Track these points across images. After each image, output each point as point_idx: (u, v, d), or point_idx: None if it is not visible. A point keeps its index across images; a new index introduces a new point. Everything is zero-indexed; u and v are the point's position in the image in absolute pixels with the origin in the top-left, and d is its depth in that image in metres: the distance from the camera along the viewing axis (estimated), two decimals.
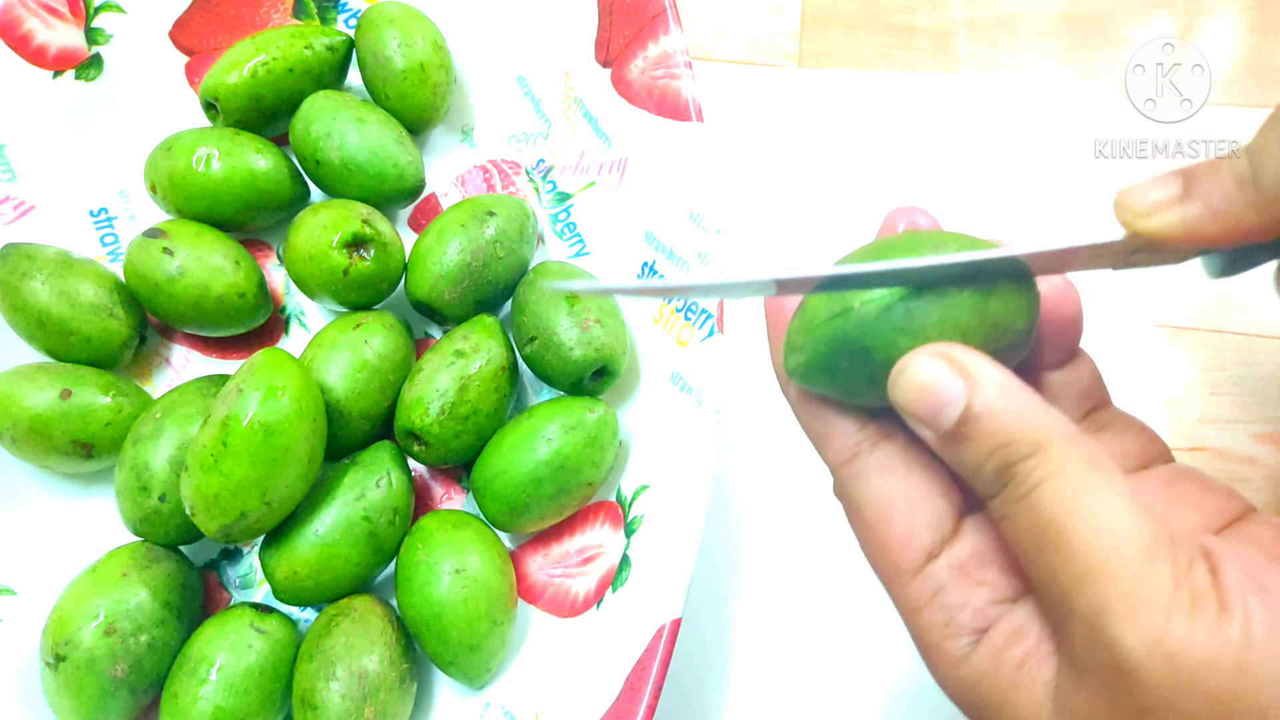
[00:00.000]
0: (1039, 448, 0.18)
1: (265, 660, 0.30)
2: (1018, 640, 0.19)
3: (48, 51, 0.38)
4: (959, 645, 0.20)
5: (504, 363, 0.34)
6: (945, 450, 0.19)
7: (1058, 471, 0.18)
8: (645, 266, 0.35)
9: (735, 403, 0.39)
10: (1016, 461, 0.18)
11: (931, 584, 0.20)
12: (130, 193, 0.39)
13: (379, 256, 0.35)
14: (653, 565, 0.29)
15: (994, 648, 0.19)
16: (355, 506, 0.31)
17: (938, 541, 0.20)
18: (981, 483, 0.19)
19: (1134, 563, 0.17)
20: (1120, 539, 0.17)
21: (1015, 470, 0.18)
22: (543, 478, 0.32)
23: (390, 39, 0.38)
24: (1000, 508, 0.19)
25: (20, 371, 0.33)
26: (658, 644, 0.27)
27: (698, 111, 0.33)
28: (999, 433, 0.18)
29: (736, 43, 0.46)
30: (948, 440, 0.19)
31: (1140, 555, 0.17)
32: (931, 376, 0.19)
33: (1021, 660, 0.19)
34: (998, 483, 0.18)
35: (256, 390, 0.29)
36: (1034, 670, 0.19)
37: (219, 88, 0.37)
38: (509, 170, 0.40)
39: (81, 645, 0.29)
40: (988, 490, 0.19)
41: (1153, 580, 0.16)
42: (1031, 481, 0.18)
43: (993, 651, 0.19)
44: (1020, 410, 0.18)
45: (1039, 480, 0.18)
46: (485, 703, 0.31)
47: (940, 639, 0.20)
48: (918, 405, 0.19)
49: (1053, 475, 0.18)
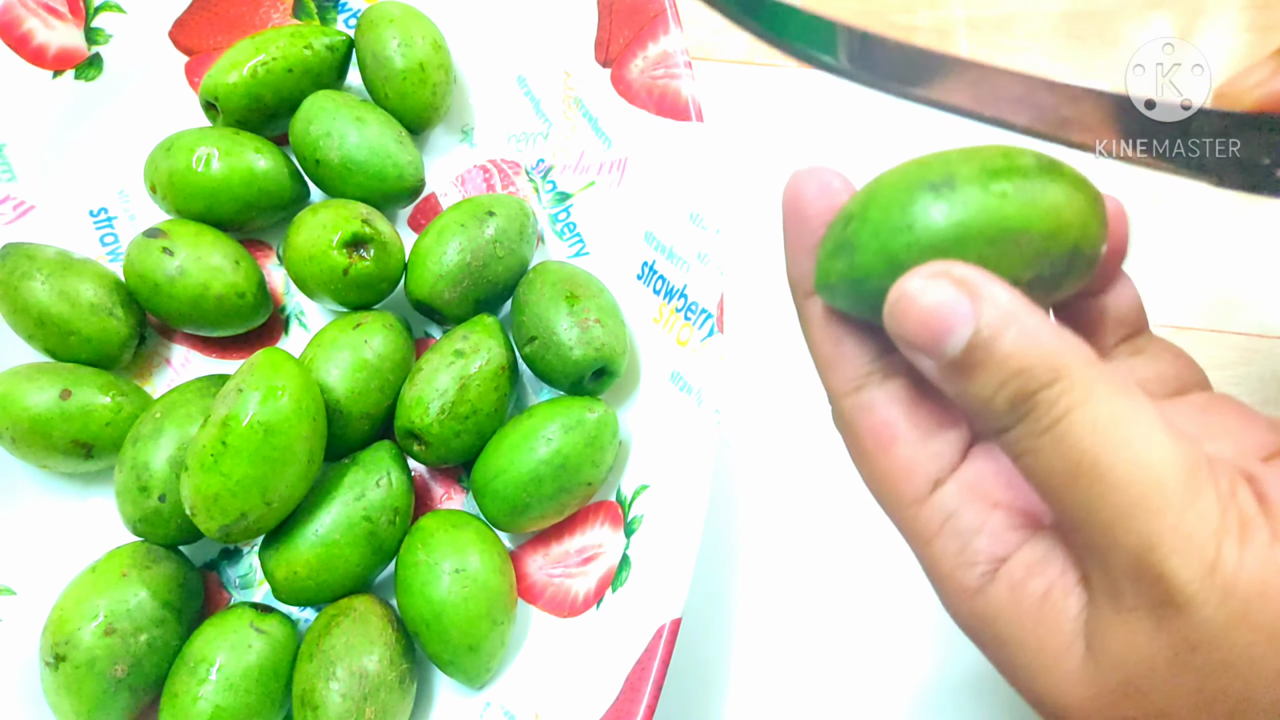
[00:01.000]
0: (1060, 374, 0.16)
1: (265, 660, 0.30)
2: (1039, 572, 0.18)
3: (47, 51, 0.38)
4: (974, 574, 0.19)
5: (504, 362, 0.34)
6: (950, 381, 0.18)
7: (1085, 399, 0.16)
8: (645, 266, 0.35)
9: (735, 403, 0.39)
10: (1036, 390, 0.16)
11: (941, 511, 0.19)
12: (130, 192, 0.39)
13: (379, 256, 0.35)
14: (652, 565, 0.29)
15: (1013, 580, 0.18)
16: (355, 506, 0.31)
17: (944, 469, 0.19)
18: (993, 415, 0.17)
19: (1178, 493, 0.16)
20: (1161, 469, 0.16)
21: (1036, 400, 0.16)
22: (543, 477, 0.32)
23: (390, 39, 0.38)
24: (1020, 442, 0.17)
25: (20, 371, 0.33)
26: (658, 644, 0.27)
27: (698, 111, 0.33)
28: (1014, 359, 0.17)
29: (736, 42, 0.46)
30: (953, 370, 0.17)
31: (1183, 484, 0.16)
32: (934, 298, 0.17)
33: (1044, 593, 0.18)
34: (1013, 415, 0.17)
35: (256, 390, 0.29)
36: (1059, 604, 0.18)
37: (219, 87, 0.37)
38: (509, 170, 0.40)
39: (81, 645, 0.29)
40: (1001, 423, 0.17)
41: (1199, 509, 0.16)
42: (1057, 411, 0.16)
43: (1012, 584, 0.18)
44: (1036, 334, 0.17)
45: (1065, 409, 0.16)
46: (485, 703, 0.31)
47: (953, 568, 0.19)
48: (918, 331, 0.17)
49: (1080, 404, 0.16)
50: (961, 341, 0.17)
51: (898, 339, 0.18)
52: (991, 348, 0.17)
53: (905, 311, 0.17)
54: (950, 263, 0.17)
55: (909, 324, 0.17)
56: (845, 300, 0.20)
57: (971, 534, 0.19)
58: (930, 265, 0.17)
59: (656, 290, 0.34)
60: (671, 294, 0.33)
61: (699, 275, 0.32)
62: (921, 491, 0.19)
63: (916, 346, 0.18)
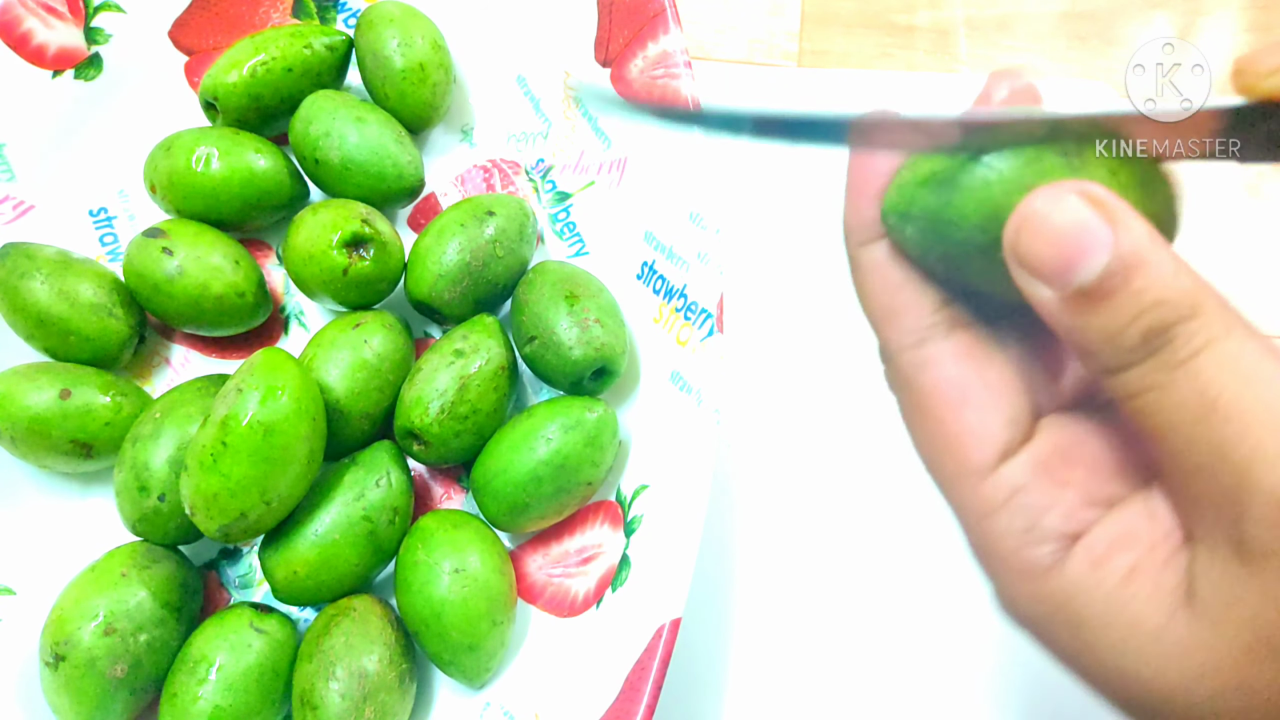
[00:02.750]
0: (1198, 309, 0.16)
1: (265, 660, 0.30)
2: (1126, 546, 0.17)
3: (47, 51, 0.38)
4: (1043, 553, 0.17)
5: (503, 362, 0.34)
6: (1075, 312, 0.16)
7: (1225, 335, 0.16)
8: (645, 266, 0.35)
9: (735, 403, 0.39)
10: (1175, 323, 0.16)
11: (1008, 485, 0.18)
12: (130, 192, 0.39)
13: (378, 256, 0.35)
14: (652, 565, 0.29)
15: (1094, 555, 0.17)
16: (355, 506, 0.31)
17: (1015, 438, 0.18)
18: (1119, 351, 0.16)
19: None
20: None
21: (1175, 333, 0.16)
22: (542, 477, 0.32)
23: (390, 38, 0.38)
24: (1145, 377, 0.16)
25: (20, 371, 0.33)
26: (657, 644, 0.27)
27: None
28: (1153, 289, 0.16)
29: (736, 42, 0.46)
30: (1082, 299, 0.16)
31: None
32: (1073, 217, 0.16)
33: (1132, 569, 0.17)
34: (1144, 348, 0.16)
35: (256, 390, 0.29)
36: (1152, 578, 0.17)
37: (218, 87, 0.37)
38: (508, 170, 0.40)
39: (81, 645, 0.29)
40: (1127, 359, 0.16)
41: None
42: (1196, 344, 0.16)
43: (1092, 559, 0.17)
44: (1175, 266, 0.16)
45: (1204, 344, 0.15)
46: (485, 702, 0.31)
47: (1019, 546, 0.17)
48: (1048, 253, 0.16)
49: (1219, 339, 0.16)
50: (1098, 267, 0.16)
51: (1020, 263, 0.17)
52: (1130, 275, 0.16)
53: (1035, 231, 0.16)
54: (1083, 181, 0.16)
55: (1038, 245, 0.16)
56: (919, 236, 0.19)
57: (1042, 510, 0.17)
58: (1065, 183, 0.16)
59: (656, 290, 0.34)
60: (671, 294, 0.33)
61: (699, 275, 0.32)
62: (989, 461, 0.18)
63: (1042, 271, 0.16)
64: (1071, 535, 0.17)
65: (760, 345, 0.40)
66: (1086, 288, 0.16)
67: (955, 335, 0.19)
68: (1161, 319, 0.16)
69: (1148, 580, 0.17)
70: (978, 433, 0.18)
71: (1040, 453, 0.18)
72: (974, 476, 0.18)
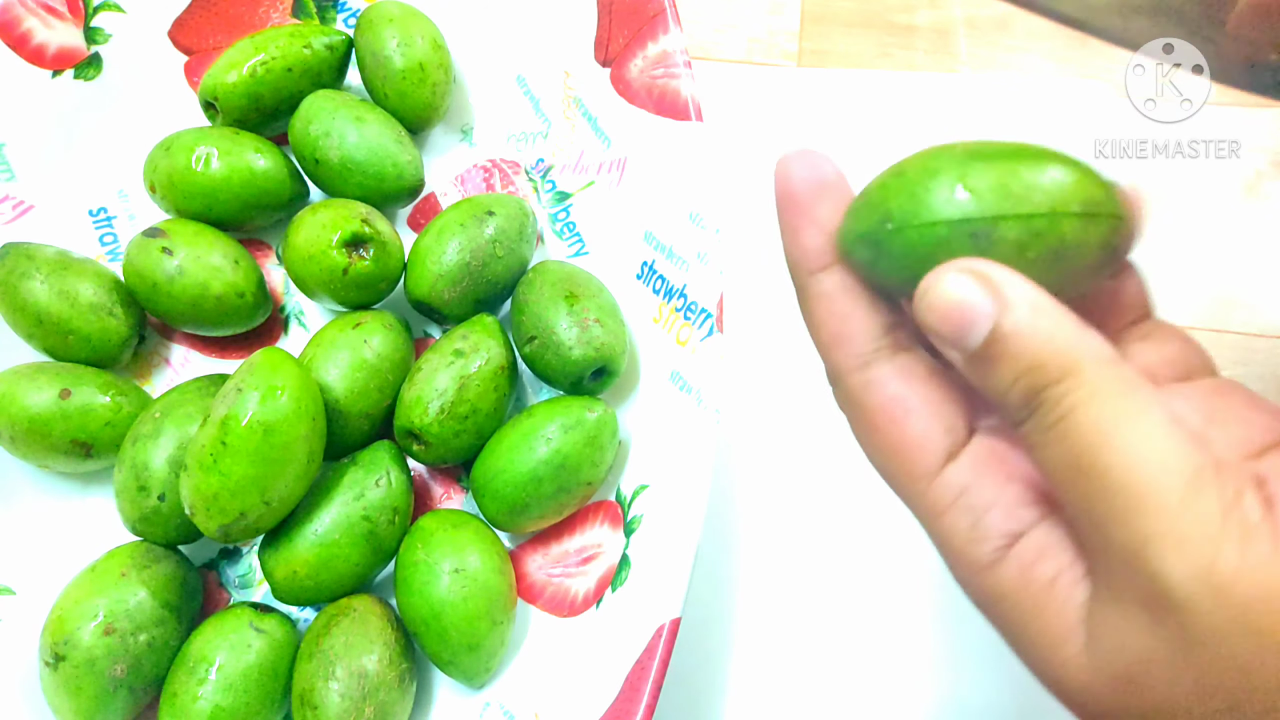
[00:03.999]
0: (1069, 372, 0.17)
1: (264, 660, 0.30)
2: (1050, 556, 0.18)
3: (47, 51, 0.38)
4: (986, 549, 0.19)
5: (503, 362, 0.34)
6: (973, 373, 0.18)
7: (1090, 398, 0.17)
8: (645, 266, 0.35)
9: (735, 402, 0.39)
10: (1045, 386, 0.17)
11: (954, 486, 0.19)
12: (129, 192, 0.39)
13: (378, 256, 0.35)
14: (652, 565, 0.29)
15: (1023, 561, 0.18)
16: (355, 506, 0.31)
17: (956, 443, 0.20)
18: (1009, 409, 0.18)
19: (1177, 494, 0.16)
20: (1161, 469, 0.16)
21: (1044, 396, 0.17)
22: (542, 477, 0.32)
23: (389, 38, 0.38)
24: (1029, 435, 0.18)
25: (19, 371, 0.33)
26: (657, 643, 0.27)
27: (697, 111, 0.33)
28: (1027, 354, 0.17)
29: (736, 42, 0.46)
30: (974, 362, 0.18)
31: (1183, 486, 0.16)
32: (959, 294, 0.18)
33: (1052, 579, 0.18)
34: (1025, 409, 0.17)
35: (255, 390, 0.29)
36: (1065, 592, 0.18)
37: (218, 87, 0.37)
38: (508, 170, 0.40)
39: (81, 645, 0.29)
40: (1016, 416, 0.18)
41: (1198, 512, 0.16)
42: (1062, 409, 0.17)
43: (1021, 565, 0.18)
44: (1052, 331, 0.17)
45: (1070, 407, 0.17)
46: (485, 702, 0.31)
47: (965, 543, 0.19)
48: (943, 324, 0.18)
49: (1085, 402, 0.17)
50: (981, 335, 0.18)
51: (926, 330, 0.19)
52: (1007, 343, 0.17)
53: (931, 304, 0.18)
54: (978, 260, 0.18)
55: (935, 316, 0.18)
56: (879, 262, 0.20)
57: (984, 510, 0.19)
58: (961, 261, 0.18)
59: (656, 290, 0.34)
60: (671, 293, 0.33)
61: (698, 275, 0.32)
62: (933, 466, 0.19)
63: (942, 338, 0.18)
64: (1013, 534, 0.19)
65: (760, 345, 0.40)
66: (977, 352, 0.18)
67: (898, 358, 0.20)
68: (1034, 382, 0.17)
69: (1061, 593, 0.18)
70: (920, 441, 0.20)
71: (981, 452, 0.20)
72: (922, 481, 0.20)
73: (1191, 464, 0.16)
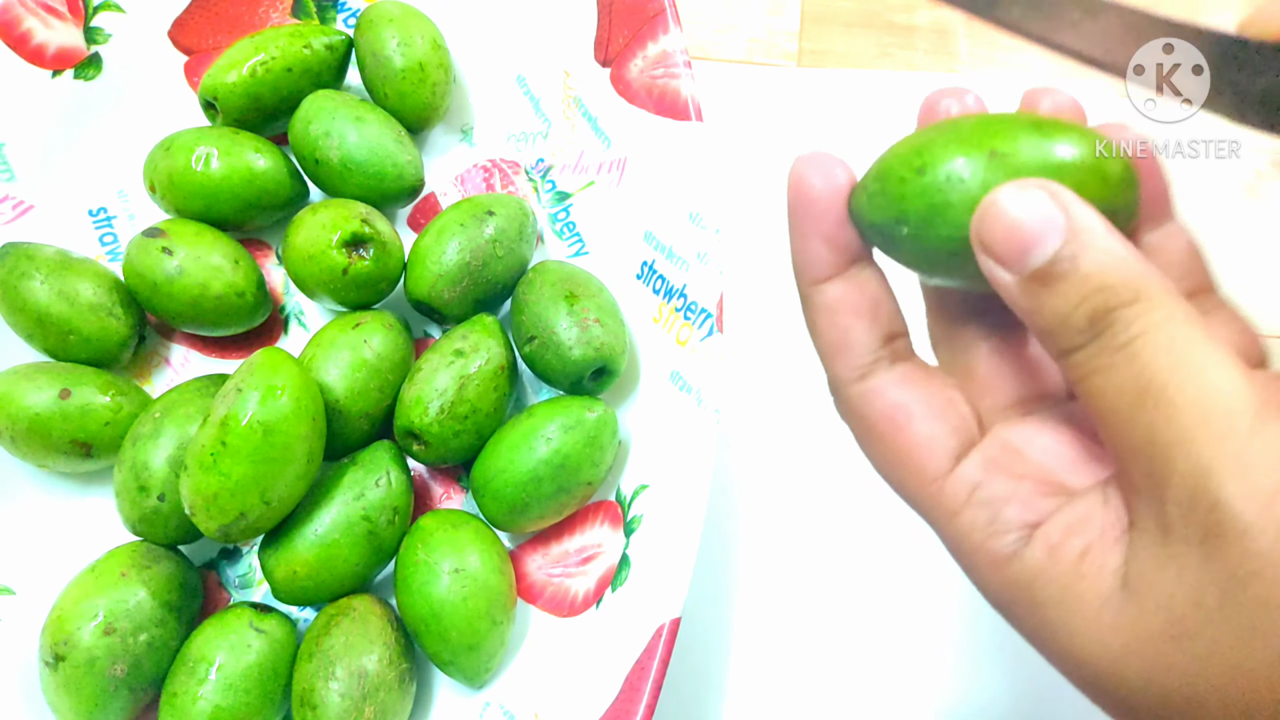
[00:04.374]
0: (1141, 295, 0.17)
1: (264, 660, 0.30)
2: (1078, 532, 0.18)
3: (46, 50, 0.38)
4: (1006, 542, 0.18)
5: (503, 362, 0.34)
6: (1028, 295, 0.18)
7: (1163, 323, 0.16)
8: (645, 266, 0.35)
9: (735, 402, 0.39)
10: (1117, 307, 0.17)
11: (966, 483, 0.19)
12: (129, 192, 0.39)
13: (378, 256, 0.35)
14: (652, 565, 0.29)
15: (1050, 541, 0.18)
16: (354, 506, 0.31)
17: (964, 444, 0.19)
18: (1067, 332, 0.17)
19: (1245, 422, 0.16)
20: (1232, 396, 0.16)
21: (1115, 316, 0.17)
22: (542, 477, 0.32)
23: (389, 38, 0.38)
24: (1091, 360, 0.17)
25: (19, 371, 0.33)
26: (657, 643, 0.27)
27: (697, 111, 0.33)
28: (1099, 275, 0.17)
29: (736, 42, 0.46)
30: (1034, 282, 0.17)
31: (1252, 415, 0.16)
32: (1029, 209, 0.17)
33: (1083, 551, 0.18)
34: (1089, 331, 0.17)
35: (255, 390, 0.29)
36: (1098, 559, 0.17)
37: (218, 87, 0.37)
38: (508, 170, 0.40)
39: (80, 645, 0.29)
40: (1074, 341, 0.17)
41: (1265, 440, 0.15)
42: (1134, 330, 0.16)
43: (1049, 545, 0.18)
44: (1124, 254, 0.17)
45: (1142, 330, 0.16)
46: (485, 702, 0.31)
47: (984, 538, 0.19)
48: (1006, 241, 0.17)
49: (1158, 326, 0.16)
50: (1048, 253, 0.17)
51: (982, 247, 0.18)
52: (1078, 260, 0.17)
53: (996, 218, 0.18)
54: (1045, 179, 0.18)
55: (998, 231, 0.18)
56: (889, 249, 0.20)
57: (1002, 503, 0.19)
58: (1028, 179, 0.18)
59: (656, 290, 0.34)
60: (671, 293, 0.33)
61: (698, 275, 0.32)
62: (943, 466, 0.19)
63: (1000, 256, 0.18)
64: (1032, 525, 0.18)
65: (760, 345, 0.40)
66: (1039, 271, 0.17)
67: (898, 367, 0.20)
68: (1105, 302, 0.17)
69: (1094, 562, 0.17)
70: (926, 443, 0.19)
71: (990, 451, 0.19)
72: (933, 483, 0.19)
73: (1260, 396, 0.16)
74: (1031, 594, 0.18)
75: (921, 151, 0.19)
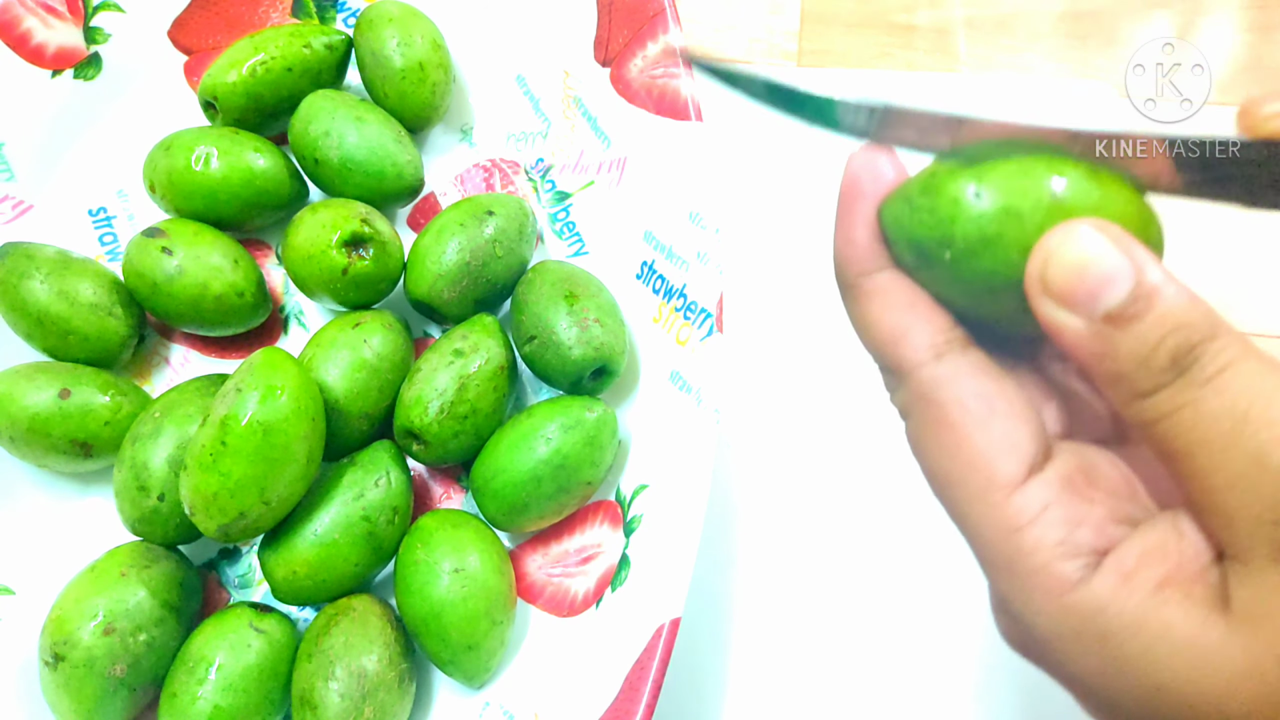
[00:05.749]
0: (1219, 328, 0.17)
1: (264, 660, 0.30)
2: (1154, 561, 0.17)
3: (46, 50, 0.38)
4: (1075, 565, 0.17)
5: (503, 362, 0.34)
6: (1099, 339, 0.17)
7: (1246, 354, 0.16)
8: (644, 266, 0.35)
9: (735, 403, 0.39)
10: (1199, 342, 0.16)
11: (1038, 498, 0.18)
12: (129, 192, 0.39)
13: (378, 256, 0.35)
14: (652, 565, 0.29)
15: (1124, 568, 0.17)
16: (354, 506, 0.31)
17: (1041, 453, 0.18)
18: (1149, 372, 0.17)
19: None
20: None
21: (1200, 352, 0.16)
22: (542, 477, 0.32)
23: (389, 38, 0.38)
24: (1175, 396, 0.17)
25: (19, 371, 0.33)
26: (657, 643, 0.27)
27: (697, 111, 0.33)
28: (1176, 313, 0.17)
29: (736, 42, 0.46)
30: (1110, 324, 0.17)
31: None
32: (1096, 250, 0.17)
33: (1162, 582, 0.17)
34: (1173, 369, 0.17)
35: (255, 390, 0.29)
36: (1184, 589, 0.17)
37: (218, 87, 0.37)
38: (508, 169, 0.40)
39: (80, 645, 0.29)
40: (1156, 380, 0.17)
41: None
42: (1220, 362, 0.16)
43: (1123, 572, 0.17)
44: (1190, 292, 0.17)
45: (1229, 361, 0.16)
46: (484, 702, 0.31)
47: (1051, 559, 0.17)
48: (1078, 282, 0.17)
49: (1241, 357, 0.16)
50: (1122, 293, 0.17)
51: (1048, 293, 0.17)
52: (1154, 300, 0.17)
53: (1061, 263, 0.17)
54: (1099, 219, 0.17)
55: (1066, 274, 0.17)
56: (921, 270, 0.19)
57: (1074, 524, 0.18)
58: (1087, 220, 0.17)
59: (656, 290, 0.34)
60: (671, 293, 0.33)
61: (698, 275, 0.32)
62: (1017, 475, 0.18)
63: (1067, 298, 0.17)
64: (1101, 550, 0.18)
65: (760, 345, 0.40)
66: (1113, 313, 0.17)
67: (971, 352, 0.19)
68: (1187, 339, 0.17)
69: (1178, 591, 0.17)
70: (1005, 446, 0.18)
71: (1065, 469, 0.18)
72: (1001, 491, 0.18)
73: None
74: (1100, 624, 0.17)
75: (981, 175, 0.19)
